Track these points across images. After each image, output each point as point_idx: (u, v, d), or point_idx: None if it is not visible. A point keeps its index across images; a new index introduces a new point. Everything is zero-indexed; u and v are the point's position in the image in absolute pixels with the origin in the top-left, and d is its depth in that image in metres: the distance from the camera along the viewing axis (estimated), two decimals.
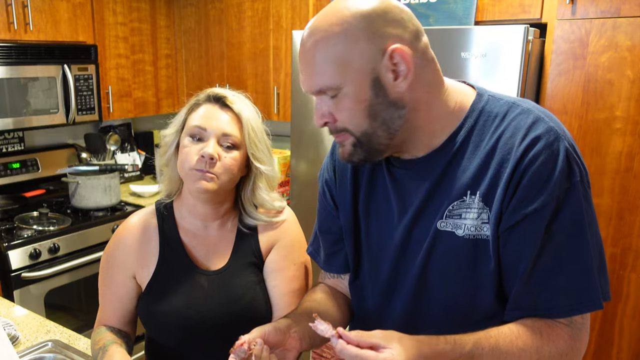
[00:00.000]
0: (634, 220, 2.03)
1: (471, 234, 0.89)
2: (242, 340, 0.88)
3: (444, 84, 0.92)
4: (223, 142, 1.12)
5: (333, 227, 1.11)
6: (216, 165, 1.11)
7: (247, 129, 1.14)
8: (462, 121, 0.91)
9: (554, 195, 0.82)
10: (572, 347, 0.86)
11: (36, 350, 1.36)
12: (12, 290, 2.38)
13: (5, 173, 2.85)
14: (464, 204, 0.89)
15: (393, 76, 0.85)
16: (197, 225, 1.23)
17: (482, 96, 0.93)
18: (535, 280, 0.85)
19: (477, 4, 2.21)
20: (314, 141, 2.53)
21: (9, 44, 2.50)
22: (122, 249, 1.24)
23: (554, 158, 0.83)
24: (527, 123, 0.86)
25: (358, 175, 1.05)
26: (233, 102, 1.15)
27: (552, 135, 0.84)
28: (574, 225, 0.84)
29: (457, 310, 0.93)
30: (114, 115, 3.09)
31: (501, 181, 0.85)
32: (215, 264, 1.21)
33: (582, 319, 0.88)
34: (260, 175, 1.20)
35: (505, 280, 0.89)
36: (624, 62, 1.96)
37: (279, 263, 1.22)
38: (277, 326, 0.94)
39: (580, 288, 0.84)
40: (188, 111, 1.18)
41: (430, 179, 0.92)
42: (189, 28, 3.34)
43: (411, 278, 0.96)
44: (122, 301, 1.24)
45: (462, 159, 0.90)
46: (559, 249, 0.84)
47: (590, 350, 2.21)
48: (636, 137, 1.98)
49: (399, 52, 0.83)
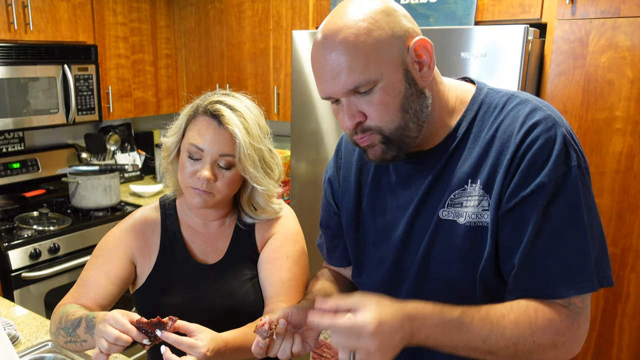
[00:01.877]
0: (634, 220, 2.04)
1: (472, 221, 0.90)
2: (263, 321, 0.91)
3: (443, 79, 0.96)
4: (220, 162, 1.13)
5: (331, 224, 1.15)
6: (212, 185, 1.13)
7: (240, 152, 1.12)
8: (464, 114, 0.95)
9: (552, 178, 0.84)
10: (569, 327, 0.86)
11: (36, 350, 1.36)
12: (12, 290, 2.38)
13: (5, 173, 2.86)
14: (464, 193, 0.91)
15: (419, 67, 0.88)
16: (198, 223, 1.27)
17: (481, 90, 0.97)
18: (532, 261, 0.86)
19: (477, 4, 2.21)
20: (314, 141, 2.53)
21: (9, 44, 2.50)
22: (125, 234, 1.25)
23: (551, 142, 0.85)
24: (525, 111, 0.89)
25: (363, 173, 1.07)
26: (229, 122, 1.11)
27: (550, 122, 0.87)
28: (570, 209, 0.85)
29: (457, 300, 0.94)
30: (114, 115, 3.09)
31: (501, 168, 0.88)
32: (212, 258, 1.25)
33: (582, 303, 0.88)
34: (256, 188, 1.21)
35: (502, 264, 0.90)
36: (624, 62, 1.96)
37: (271, 254, 1.24)
38: (299, 307, 0.98)
39: (575, 270, 0.85)
40: (187, 120, 1.17)
41: (433, 171, 0.95)
42: (189, 28, 3.34)
43: (415, 268, 0.98)
44: (111, 280, 1.20)
45: (463, 149, 0.93)
46: (556, 231, 0.85)
47: (590, 350, 2.21)
48: (636, 137, 1.98)
49: (422, 43, 0.87)
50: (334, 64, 0.84)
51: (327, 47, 0.85)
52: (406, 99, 0.87)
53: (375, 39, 0.83)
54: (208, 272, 1.23)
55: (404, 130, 0.88)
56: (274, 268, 1.23)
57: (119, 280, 1.21)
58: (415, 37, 0.87)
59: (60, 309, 1.16)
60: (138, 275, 1.25)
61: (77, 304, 1.17)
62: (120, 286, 1.22)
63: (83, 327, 1.06)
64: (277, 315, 0.94)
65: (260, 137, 1.17)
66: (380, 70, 0.84)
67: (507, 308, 0.85)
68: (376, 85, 0.85)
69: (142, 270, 1.24)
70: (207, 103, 1.15)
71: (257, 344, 0.92)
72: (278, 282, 1.21)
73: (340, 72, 0.84)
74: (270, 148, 1.21)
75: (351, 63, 0.83)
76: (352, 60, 0.83)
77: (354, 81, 0.84)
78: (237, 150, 1.12)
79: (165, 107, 3.41)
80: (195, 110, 1.16)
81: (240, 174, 1.16)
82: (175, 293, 1.21)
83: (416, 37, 0.87)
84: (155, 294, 1.22)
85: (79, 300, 1.18)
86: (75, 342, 1.09)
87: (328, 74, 0.86)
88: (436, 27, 2.25)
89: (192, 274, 1.23)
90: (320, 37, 0.87)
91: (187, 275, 1.23)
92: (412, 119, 0.88)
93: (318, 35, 0.88)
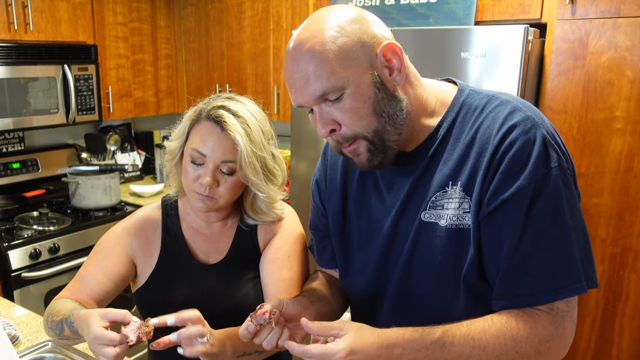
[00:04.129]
0: (634, 220, 2.04)
1: (453, 223, 0.91)
2: (265, 309, 0.90)
3: (422, 81, 0.96)
4: (222, 168, 1.13)
5: (319, 225, 1.16)
6: (215, 190, 1.14)
7: (241, 159, 1.11)
8: (444, 115, 0.95)
9: (532, 180, 0.84)
10: (553, 334, 0.86)
11: (36, 350, 1.36)
12: (12, 290, 2.38)
13: (5, 173, 2.86)
14: (445, 195, 0.91)
15: (389, 71, 0.88)
16: (200, 223, 1.27)
17: (463, 91, 0.97)
18: (516, 265, 0.86)
19: (477, 4, 2.21)
20: (314, 141, 2.53)
21: (9, 44, 2.50)
22: (127, 232, 1.25)
23: (530, 144, 0.85)
24: (504, 113, 0.89)
25: (348, 174, 1.08)
26: (231, 128, 1.11)
27: (529, 123, 0.86)
28: (552, 211, 0.85)
29: (441, 302, 0.95)
30: (114, 115, 3.09)
31: (480, 169, 0.88)
32: (213, 258, 1.25)
33: (566, 307, 0.87)
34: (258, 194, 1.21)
35: (486, 268, 0.90)
36: (624, 62, 1.96)
37: (273, 254, 1.24)
38: (295, 301, 0.97)
39: (561, 272, 0.85)
40: (191, 124, 1.17)
41: (415, 173, 0.95)
42: (189, 28, 3.34)
43: (399, 270, 0.98)
44: (109, 277, 1.20)
45: (444, 151, 0.93)
46: (538, 234, 0.85)
47: (590, 350, 2.21)
48: (636, 137, 1.98)
49: (390, 47, 0.87)
50: (302, 72, 0.86)
51: (296, 57, 0.87)
52: (377, 104, 0.87)
53: (340, 46, 0.84)
54: (209, 271, 1.23)
55: (384, 134, 0.89)
56: (275, 267, 1.23)
57: (117, 277, 1.21)
58: (385, 42, 0.87)
59: (51, 306, 1.17)
60: (139, 274, 1.26)
61: (74, 298, 1.18)
62: (118, 284, 1.22)
63: (67, 330, 1.08)
64: (272, 303, 0.93)
65: (263, 144, 1.15)
66: (347, 77, 0.85)
67: (488, 322, 0.86)
68: (344, 92, 0.86)
69: (143, 270, 1.25)
70: (210, 108, 1.14)
71: (246, 328, 0.91)
72: (279, 281, 1.21)
73: (308, 80, 0.86)
74: (274, 153, 1.20)
75: (317, 70, 0.85)
76: (318, 67, 0.85)
77: (320, 88, 0.85)
78: (238, 158, 1.12)
79: (165, 107, 3.41)
80: (199, 115, 1.16)
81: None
82: (176, 292, 1.21)
83: (384, 41, 0.87)
84: (156, 294, 1.22)
85: (76, 294, 1.19)
86: (68, 339, 1.11)
87: (297, 82, 0.87)
88: (436, 27, 2.25)
89: (193, 273, 1.23)
90: (290, 47, 0.89)
91: (188, 274, 1.23)
92: (388, 122, 0.88)
93: (290, 44, 0.89)
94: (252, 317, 0.90)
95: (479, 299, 0.92)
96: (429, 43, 2.10)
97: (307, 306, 0.99)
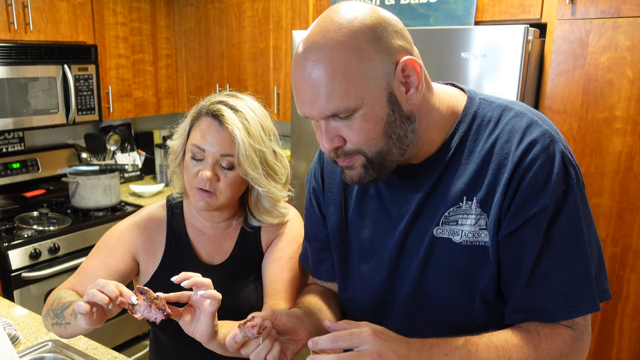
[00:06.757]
0: (634, 220, 2.04)
1: (469, 240, 0.88)
2: (254, 322, 0.85)
3: (433, 89, 0.90)
4: (222, 162, 1.13)
5: (319, 235, 1.10)
6: (215, 185, 1.13)
7: (239, 152, 1.11)
8: (456, 126, 0.90)
9: (552, 198, 0.82)
10: (574, 348, 0.86)
11: (36, 350, 1.36)
12: (12, 290, 2.38)
13: (5, 173, 2.86)
14: (460, 210, 0.88)
15: (405, 89, 0.82)
16: (204, 224, 1.27)
17: (473, 99, 0.92)
18: (534, 283, 0.85)
19: (477, 4, 2.21)
20: (314, 141, 2.53)
21: (9, 44, 2.50)
22: (131, 229, 1.25)
23: (550, 161, 0.83)
24: (521, 126, 0.86)
25: (347, 184, 1.02)
26: (229, 121, 1.11)
27: (548, 139, 0.84)
28: (571, 229, 0.84)
29: (455, 317, 0.93)
30: (114, 115, 3.09)
31: (499, 186, 0.85)
32: (217, 259, 1.25)
33: (585, 321, 0.88)
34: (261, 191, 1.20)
35: (504, 286, 0.89)
36: (624, 62, 1.96)
37: (275, 254, 1.24)
38: (290, 313, 0.93)
39: (578, 291, 0.84)
40: (192, 122, 1.18)
41: (425, 186, 0.91)
42: (189, 28, 3.34)
43: (408, 286, 0.95)
44: (110, 273, 1.19)
45: (457, 164, 0.89)
46: (557, 253, 0.84)
47: (590, 350, 2.20)
48: (636, 137, 1.98)
49: (410, 64, 0.81)
50: (312, 87, 0.79)
51: (306, 67, 0.79)
52: (389, 125, 0.82)
53: (358, 62, 0.77)
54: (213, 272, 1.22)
55: (387, 155, 0.84)
56: (276, 267, 1.22)
57: (118, 274, 1.21)
58: (404, 57, 0.80)
59: (55, 293, 1.16)
60: (142, 272, 1.25)
61: (74, 291, 1.17)
62: (119, 280, 1.21)
63: (70, 310, 1.05)
64: (264, 314, 0.89)
65: (262, 139, 1.15)
66: (362, 98, 0.79)
67: (509, 333, 0.84)
68: (356, 112, 0.80)
69: (146, 268, 1.25)
70: (210, 104, 1.15)
71: (233, 337, 0.86)
72: (279, 280, 1.21)
73: (319, 97, 0.79)
74: (275, 150, 1.19)
75: (330, 89, 0.78)
76: (331, 85, 0.78)
77: (332, 108, 0.79)
78: (236, 151, 1.12)
79: (165, 107, 3.41)
80: (199, 112, 1.17)
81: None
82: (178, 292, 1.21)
83: (405, 56, 0.80)
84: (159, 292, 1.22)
85: (75, 287, 1.18)
86: (60, 324, 1.08)
87: (307, 95, 0.80)
88: (436, 27, 2.25)
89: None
90: (300, 51, 0.81)
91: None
92: (395, 144, 0.84)
93: (299, 47, 0.81)
94: (240, 328, 0.85)
95: (495, 313, 0.91)
96: (429, 43, 2.10)
97: (302, 319, 0.95)
